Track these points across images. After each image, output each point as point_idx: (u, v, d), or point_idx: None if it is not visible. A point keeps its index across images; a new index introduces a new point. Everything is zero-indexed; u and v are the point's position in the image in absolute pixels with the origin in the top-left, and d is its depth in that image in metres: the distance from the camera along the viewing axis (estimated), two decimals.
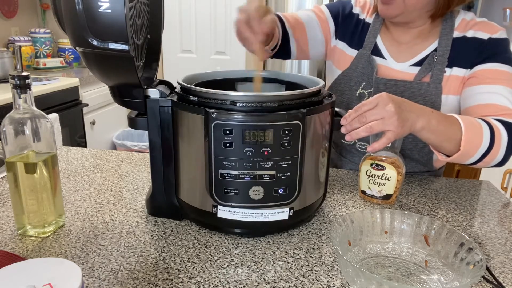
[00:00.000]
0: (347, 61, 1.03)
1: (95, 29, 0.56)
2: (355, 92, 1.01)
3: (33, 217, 0.69)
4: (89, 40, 0.57)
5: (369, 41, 1.01)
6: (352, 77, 1.01)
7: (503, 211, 0.86)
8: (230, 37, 3.15)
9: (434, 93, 0.93)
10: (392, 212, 0.67)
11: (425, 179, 1.01)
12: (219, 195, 0.67)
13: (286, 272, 0.62)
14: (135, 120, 0.71)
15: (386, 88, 0.96)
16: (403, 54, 0.98)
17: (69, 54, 2.99)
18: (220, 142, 0.64)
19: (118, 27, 0.56)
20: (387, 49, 1.00)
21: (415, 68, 0.96)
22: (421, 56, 0.96)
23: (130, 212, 0.80)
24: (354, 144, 1.07)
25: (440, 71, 0.93)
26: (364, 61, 1.00)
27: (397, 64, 0.98)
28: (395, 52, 0.99)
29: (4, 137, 0.65)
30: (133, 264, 0.63)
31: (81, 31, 0.57)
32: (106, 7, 0.55)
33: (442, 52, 0.93)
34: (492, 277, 0.61)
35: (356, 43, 1.03)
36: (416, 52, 0.97)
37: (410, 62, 0.97)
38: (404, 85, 0.94)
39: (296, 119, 0.64)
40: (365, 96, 0.99)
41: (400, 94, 0.93)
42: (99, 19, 0.56)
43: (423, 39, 0.97)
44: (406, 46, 0.98)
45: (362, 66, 1.00)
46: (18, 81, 0.62)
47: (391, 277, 0.62)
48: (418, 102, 0.89)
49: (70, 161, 1.06)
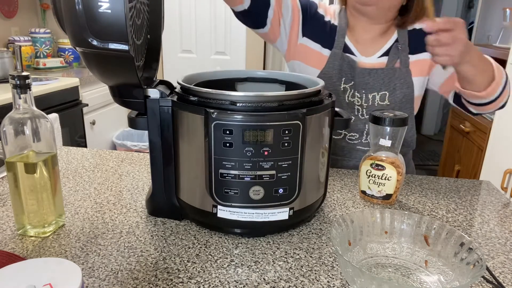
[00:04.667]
0: (322, 60, 1.10)
1: (95, 29, 0.56)
2: (339, 87, 1.09)
3: (33, 217, 0.69)
4: (89, 40, 0.57)
5: (339, 41, 1.09)
6: (332, 75, 1.08)
7: (503, 211, 0.86)
8: (230, 37, 3.15)
9: (407, 75, 1.07)
10: (392, 212, 0.67)
11: (425, 179, 1.02)
12: (219, 195, 0.67)
13: (286, 272, 0.62)
14: (135, 120, 0.71)
15: (370, 77, 1.07)
16: (369, 49, 1.11)
17: (69, 54, 2.99)
18: (220, 142, 0.64)
19: (118, 27, 0.56)
20: (355, 47, 1.11)
21: (383, 58, 1.10)
22: (385, 48, 1.10)
23: (130, 212, 0.80)
24: (344, 137, 1.11)
25: (405, 57, 1.08)
26: (338, 59, 1.08)
27: (366, 58, 1.10)
28: (362, 48, 1.11)
29: (4, 137, 0.65)
30: (133, 264, 0.63)
31: (81, 31, 0.57)
32: (106, 7, 0.55)
33: (402, 41, 1.09)
34: (492, 277, 0.61)
35: (328, 43, 1.11)
36: (379, 45, 1.10)
37: (377, 54, 1.10)
38: (383, 72, 1.07)
39: (296, 119, 0.64)
40: (348, 90, 1.08)
41: (381, 80, 1.07)
42: (99, 19, 0.56)
43: (382, 36, 1.11)
44: (369, 42, 1.11)
45: (339, 64, 1.08)
46: (18, 81, 0.62)
47: (391, 277, 0.62)
48: (396, 85, 1.06)
49: (70, 161, 1.06)
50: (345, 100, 1.08)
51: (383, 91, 1.07)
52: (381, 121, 0.82)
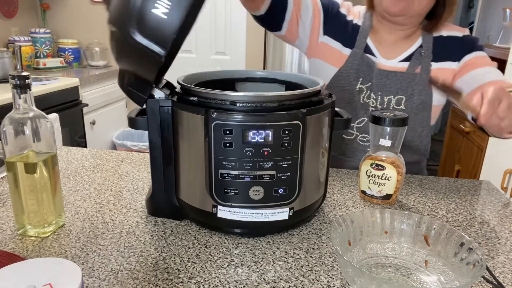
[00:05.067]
0: (342, 59, 1.09)
1: (142, 24, 0.55)
2: (355, 87, 1.08)
3: (33, 217, 0.69)
4: (130, 30, 0.55)
5: (360, 41, 1.08)
6: (350, 74, 1.07)
7: (503, 211, 0.86)
8: (230, 37, 3.15)
9: (426, 82, 1.05)
10: (392, 212, 0.67)
11: (425, 179, 1.02)
12: (219, 195, 0.67)
13: (286, 272, 0.62)
14: (135, 120, 0.71)
15: (388, 79, 1.05)
16: (391, 51, 1.09)
17: (69, 54, 2.99)
18: (220, 142, 0.64)
19: (166, 34, 0.55)
20: (377, 48, 1.09)
21: (403, 63, 1.07)
22: (408, 53, 1.08)
23: (130, 212, 0.80)
24: (355, 138, 1.11)
25: (427, 64, 1.05)
26: (358, 58, 1.07)
27: (387, 61, 1.08)
28: (383, 50, 1.09)
29: (4, 137, 0.65)
30: (133, 264, 0.63)
31: (128, 19, 0.55)
32: (164, 12, 0.54)
33: (426, 47, 1.06)
34: (492, 277, 0.61)
35: (349, 42, 1.09)
36: (402, 50, 1.08)
37: (399, 58, 1.08)
38: (402, 75, 1.05)
39: (296, 119, 0.64)
40: (364, 90, 1.07)
41: (399, 84, 1.05)
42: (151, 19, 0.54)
43: (406, 39, 1.09)
44: (393, 45, 1.09)
45: (358, 64, 1.07)
46: (18, 81, 0.62)
47: (391, 277, 0.62)
48: (414, 90, 1.05)
49: (70, 161, 1.06)
50: (360, 101, 1.08)
51: (399, 95, 1.06)
52: (381, 121, 0.82)
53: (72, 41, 3.01)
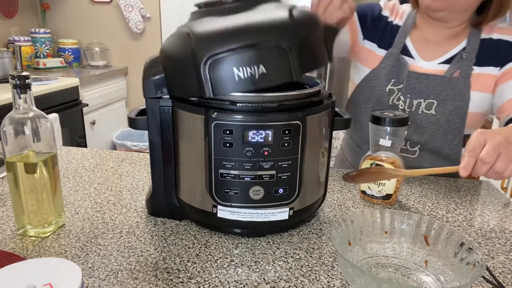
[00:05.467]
0: (376, 60, 1.07)
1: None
2: (385, 87, 1.05)
3: (33, 217, 0.69)
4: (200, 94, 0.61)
5: (398, 41, 1.05)
6: (382, 74, 1.05)
7: (503, 211, 0.86)
8: None
9: (464, 87, 0.98)
10: (392, 212, 0.67)
11: (425, 179, 1.01)
12: (219, 195, 0.67)
13: (286, 272, 0.62)
14: (135, 120, 0.71)
15: (418, 82, 1.00)
16: (432, 52, 1.03)
17: (69, 54, 2.99)
18: (220, 142, 0.64)
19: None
20: (416, 49, 1.05)
21: (443, 65, 1.01)
22: (450, 55, 1.01)
23: (130, 212, 0.80)
24: None
25: (468, 67, 0.98)
26: (393, 59, 1.04)
27: (425, 63, 1.03)
28: (424, 50, 1.04)
29: (4, 137, 0.65)
30: (133, 264, 0.63)
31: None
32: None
33: (470, 50, 0.98)
34: (492, 277, 0.61)
35: (385, 44, 1.07)
36: (445, 50, 1.02)
37: (439, 60, 1.02)
38: (435, 79, 0.99)
39: (296, 119, 0.64)
40: (394, 92, 1.04)
41: (431, 88, 0.99)
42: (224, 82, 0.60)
43: (452, 39, 1.02)
44: (436, 45, 1.03)
45: (392, 64, 1.04)
46: (18, 81, 0.62)
47: (391, 277, 0.62)
48: (448, 95, 0.98)
49: (70, 161, 1.06)
50: (389, 102, 1.04)
51: (430, 99, 1.00)
52: (381, 121, 0.82)
53: (72, 41, 3.01)
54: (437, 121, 1.00)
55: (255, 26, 0.60)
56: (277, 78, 0.60)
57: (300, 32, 0.61)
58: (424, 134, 1.02)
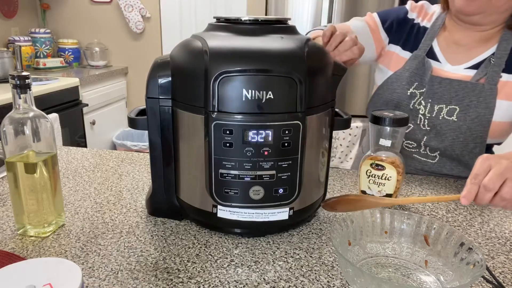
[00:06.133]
0: (399, 62, 1.05)
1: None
2: (406, 91, 1.02)
3: (33, 217, 0.69)
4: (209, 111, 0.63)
5: (425, 43, 1.02)
6: (404, 77, 1.03)
7: (503, 211, 0.86)
8: None
9: (489, 94, 0.93)
10: (392, 212, 0.67)
11: (425, 179, 1.01)
12: (219, 195, 0.67)
13: (286, 272, 0.62)
14: (135, 120, 0.71)
15: (440, 87, 0.97)
16: (460, 56, 0.99)
17: (69, 54, 2.99)
18: (220, 142, 0.64)
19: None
20: (443, 52, 1.01)
21: (470, 71, 0.97)
22: (478, 60, 0.97)
23: (130, 212, 0.80)
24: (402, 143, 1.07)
25: (496, 73, 0.93)
26: (417, 62, 1.01)
27: (451, 67, 0.99)
28: (451, 54, 1.00)
29: (4, 137, 0.65)
30: (133, 264, 0.63)
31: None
32: None
33: (500, 55, 0.93)
34: (492, 277, 0.61)
35: (410, 45, 1.05)
36: (473, 55, 0.98)
37: (466, 65, 0.98)
38: (459, 84, 0.95)
39: (296, 119, 0.64)
40: (416, 96, 1.01)
41: (454, 93, 0.95)
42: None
43: (482, 43, 0.97)
44: (464, 49, 0.99)
45: (416, 67, 1.01)
46: (18, 81, 0.62)
47: (391, 277, 0.62)
48: (472, 102, 0.93)
49: (70, 161, 1.06)
50: (409, 106, 1.01)
51: (452, 105, 0.96)
52: (381, 121, 0.82)
53: (72, 41, 3.01)
54: (458, 128, 0.96)
55: (271, 53, 0.63)
56: (282, 107, 0.63)
57: (312, 67, 0.64)
58: (444, 140, 0.99)
